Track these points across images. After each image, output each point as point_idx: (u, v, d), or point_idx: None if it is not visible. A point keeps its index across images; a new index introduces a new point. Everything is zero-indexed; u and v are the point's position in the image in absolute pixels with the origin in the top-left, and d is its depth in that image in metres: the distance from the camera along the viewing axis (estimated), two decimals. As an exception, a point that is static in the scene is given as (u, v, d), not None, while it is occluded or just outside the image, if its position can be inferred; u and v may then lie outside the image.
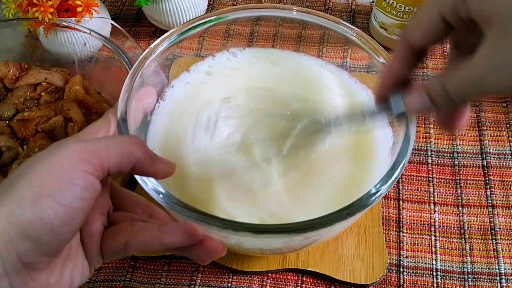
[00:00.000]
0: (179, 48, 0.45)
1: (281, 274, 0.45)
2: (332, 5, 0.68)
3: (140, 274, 0.45)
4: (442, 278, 0.44)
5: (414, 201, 0.49)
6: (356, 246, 0.45)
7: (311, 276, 0.45)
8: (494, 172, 0.51)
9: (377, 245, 0.45)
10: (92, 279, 0.45)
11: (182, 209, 0.32)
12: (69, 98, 0.51)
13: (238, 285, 0.44)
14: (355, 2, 0.69)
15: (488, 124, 0.55)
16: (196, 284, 0.44)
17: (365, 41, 0.42)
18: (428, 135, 0.54)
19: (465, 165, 0.52)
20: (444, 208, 0.49)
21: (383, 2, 0.58)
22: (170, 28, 0.63)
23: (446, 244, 0.47)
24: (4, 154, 0.47)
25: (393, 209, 0.49)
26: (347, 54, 0.47)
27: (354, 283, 0.43)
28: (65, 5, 0.55)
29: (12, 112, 0.51)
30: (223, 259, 0.44)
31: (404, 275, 0.45)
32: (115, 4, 0.71)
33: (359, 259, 0.44)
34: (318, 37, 0.48)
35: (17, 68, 0.53)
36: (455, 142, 0.54)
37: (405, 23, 0.58)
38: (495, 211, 0.48)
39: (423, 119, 0.56)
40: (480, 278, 0.44)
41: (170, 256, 0.46)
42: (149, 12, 0.64)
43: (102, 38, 0.52)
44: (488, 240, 0.47)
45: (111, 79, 0.55)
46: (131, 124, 0.37)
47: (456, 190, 0.50)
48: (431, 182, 0.51)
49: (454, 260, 0.46)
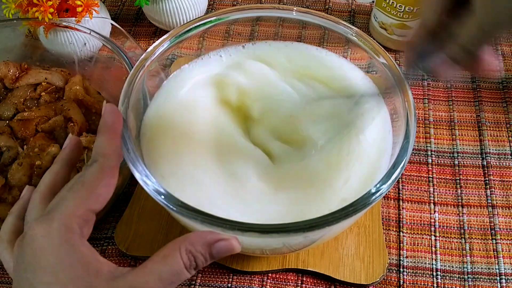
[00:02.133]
0: (179, 48, 0.45)
1: (281, 274, 0.45)
2: (332, 5, 0.68)
3: (140, 274, 0.45)
4: (442, 278, 0.44)
5: (414, 201, 0.49)
6: (356, 246, 0.45)
7: (311, 276, 0.45)
8: (494, 172, 0.51)
9: (377, 245, 0.45)
10: (92, 279, 0.45)
11: (186, 211, 0.32)
12: (69, 98, 0.51)
13: (238, 285, 0.44)
14: (355, 2, 0.69)
15: (488, 124, 0.55)
16: (196, 284, 0.44)
17: (365, 41, 0.42)
18: (428, 135, 0.54)
19: (465, 165, 0.52)
20: (444, 208, 0.49)
21: (383, 2, 0.58)
22: (170, 28, 0.64)
23: (446, 244, 0.47)
24: (4, 154, 0.47)
25: (393, 209, 0.49)
26: (347, 54, 0.47)
27: (354, 283, 0.43)
28: (65, 5, 0.55)
29: (12, 112, 0.51)
30: (223, 259, 0.45)
31: (404, 275, 0.45)
32: (115, 4, 0.71)
33: (359, 259, 0.44)
34: (318, 37, 0.48)
35: (17, 68, 0.53)
36: (455, 142, 0.54)
37: (405, 23, 0.58)
38: (495, 211, 0.48)
39: (423, 119, 0.56)
40: (480, 278, 0.44)
41: (170, 256, 0.46)
42: (149, 12, 0.64)
43: (102, 38, 0.52)
44: (488, 240, 0.47)
45: (111, 79, 0.55)
46: (131, 125, 0.37)
47: (456, 190, 0.50)
48: (431, 182, 0.51)
49: (454, 260, 0.46)
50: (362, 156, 0.39)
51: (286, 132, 0.42)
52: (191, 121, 0.42)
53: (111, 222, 0.48)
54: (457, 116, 0.56)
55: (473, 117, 0.56)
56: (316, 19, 0.44)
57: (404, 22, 0.58)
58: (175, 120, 0.42)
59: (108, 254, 0.46)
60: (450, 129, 0.55)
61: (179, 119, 0.43)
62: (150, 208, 0.48)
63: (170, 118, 0.43)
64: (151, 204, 0.48)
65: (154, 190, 0.33)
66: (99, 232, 0.48)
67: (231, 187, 0.39)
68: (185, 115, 0.43)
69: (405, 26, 0.58)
